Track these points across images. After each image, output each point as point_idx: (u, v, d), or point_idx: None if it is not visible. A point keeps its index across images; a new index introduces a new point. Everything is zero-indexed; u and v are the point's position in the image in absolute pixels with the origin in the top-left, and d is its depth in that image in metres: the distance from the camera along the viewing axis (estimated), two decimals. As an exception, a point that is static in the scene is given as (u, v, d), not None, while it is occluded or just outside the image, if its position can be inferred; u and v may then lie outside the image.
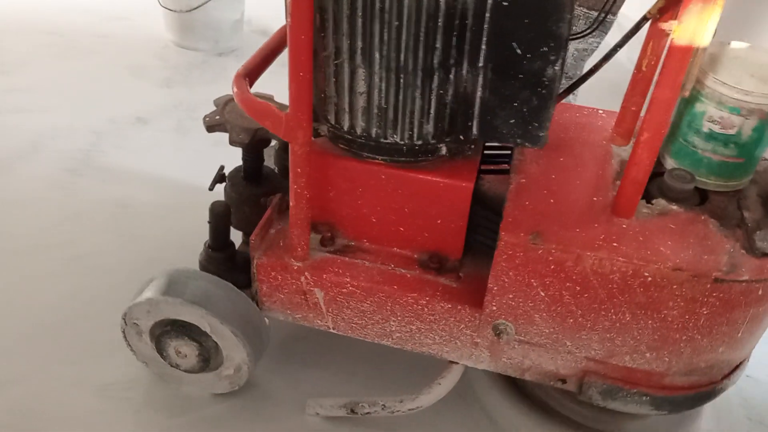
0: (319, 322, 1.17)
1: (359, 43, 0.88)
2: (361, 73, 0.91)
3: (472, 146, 1.05)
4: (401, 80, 0.90)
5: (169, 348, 1.16)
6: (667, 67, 0.85)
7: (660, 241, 0.95)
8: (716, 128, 0.97)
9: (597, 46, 1.98)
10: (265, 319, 1.19)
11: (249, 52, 2.96)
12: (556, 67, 0.86)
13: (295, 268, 1.11)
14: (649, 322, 0.98)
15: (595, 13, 1.90)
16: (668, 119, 0.90)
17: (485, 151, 1.14)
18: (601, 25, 1.88)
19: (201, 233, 1.24)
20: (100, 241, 1.61)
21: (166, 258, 1.47)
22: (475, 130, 0.98)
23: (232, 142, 1.21)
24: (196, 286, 1.11)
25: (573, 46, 1.95)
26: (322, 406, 1.23)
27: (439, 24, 0.85)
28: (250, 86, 1.01)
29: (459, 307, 1.07)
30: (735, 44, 1.01)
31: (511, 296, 1.01)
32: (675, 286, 0.93)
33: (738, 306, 0.95)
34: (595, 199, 1.02)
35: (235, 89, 0.98)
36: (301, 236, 1.08)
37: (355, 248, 1.14)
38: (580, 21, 1.94)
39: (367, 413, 1.18)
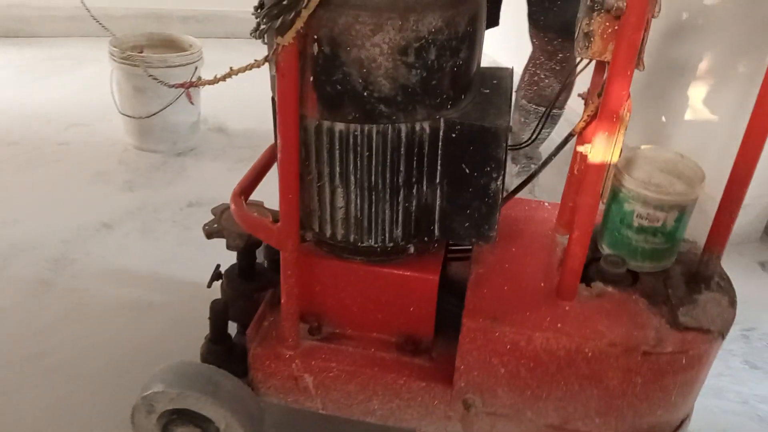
0: (309, 404, 1.31)
1: (337, 169, 1.07)
2: (339, 192, 1.09)
3: (436, 244, 1.23)
4: (373, 196, 1.09)
5: (175, 433, 1.29)
6: (586, 180, 1.05)
7: (597, 320, 1.12)
8: (645, 223, 1.17)
9: (548, 136, 2.22)
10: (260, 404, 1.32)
11: (207, 150, 2.80)
12: (498, 182, 1.06)
13: (287, 356, 1.26)
14: (594, 391, 1.14)
15: (543, 109, 2.15)
16: (593, 220, 1.09)
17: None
18: (549, 119, 2.13)
19: (166, 338, 1.35)
20: (76, 349, 1.67)
21: (140, 361, 1.59)
22: (437, 232, 1.17)
23: (229, 247, 1.38)
24: (220, 383, 1.24)
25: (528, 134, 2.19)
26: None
27: (402, 152, 1.05)
28: (245, 201, 1.19)
29: (432, 384, 1.22)
30: (644, 147, 1.23)
31: (476, 373, 1.17)
32: (612, 360, 1.10)
33: (667, 374, 1.11)
34: (542, 284, 1.20)
35: (233, 206, 1.16)
36: (291, 328, 1.23)
37: (339, 335, 1.30)
38: (531, 116, 2.19)
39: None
